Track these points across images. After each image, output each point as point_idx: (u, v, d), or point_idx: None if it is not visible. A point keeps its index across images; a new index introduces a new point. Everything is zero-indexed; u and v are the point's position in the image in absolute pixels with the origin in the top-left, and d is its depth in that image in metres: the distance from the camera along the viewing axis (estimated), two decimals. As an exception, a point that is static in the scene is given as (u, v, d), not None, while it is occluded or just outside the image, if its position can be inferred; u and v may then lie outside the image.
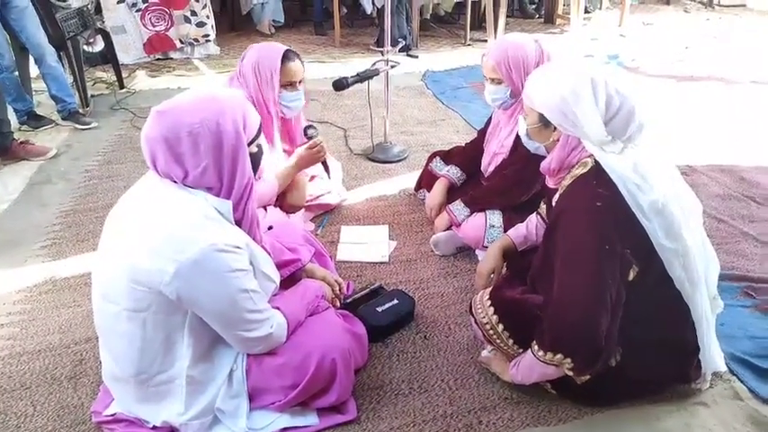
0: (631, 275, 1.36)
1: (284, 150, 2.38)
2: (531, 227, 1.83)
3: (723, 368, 1.62)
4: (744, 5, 7.71)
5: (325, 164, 2.36)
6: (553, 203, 1.56)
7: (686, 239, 1.38)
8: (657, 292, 1.42)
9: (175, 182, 1.27)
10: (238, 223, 1.35)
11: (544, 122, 1.46)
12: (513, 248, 1.83)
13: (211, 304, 1.25)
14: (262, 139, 1.41)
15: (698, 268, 1.42)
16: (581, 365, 1.36)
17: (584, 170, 1.40)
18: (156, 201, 1.28)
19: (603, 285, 1.31)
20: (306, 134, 2.29)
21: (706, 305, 1.47)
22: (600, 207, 1.33)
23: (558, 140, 1.45)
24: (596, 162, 1.37)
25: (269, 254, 1.47)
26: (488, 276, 1.79)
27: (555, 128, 1.44)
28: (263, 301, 1.38)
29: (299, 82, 2.21)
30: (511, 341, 1.54)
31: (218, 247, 1.21)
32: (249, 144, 1.33)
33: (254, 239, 1.39)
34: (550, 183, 1.56)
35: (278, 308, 1.44)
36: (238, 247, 1.26)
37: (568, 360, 1.34)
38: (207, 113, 1.23)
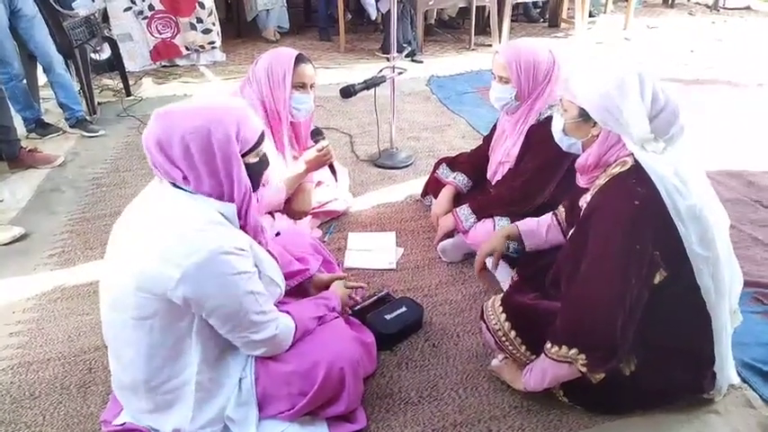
0: (657, 279, 1.35)
1: (293, 156, 2.39)
2: (542, 224, 1.82)
3: (737, 380, 1.61)
4: (748, 8, 7.70)
5: (332, 167, 2.37)
6: (581, 204, 1.53)
7: (718, 248, 1.36)
8: (683, 299, 1.40)
9: (178, 187, 1.28)
10: (243, 230, 1.36)
11: (584, 117, 1.43)
12: (517, 237, 1.85)
13: (218, 307, 1.26)
14: (267, 147, 1.41)
15: (725, 279, 1.40)
16: (595, 362, 1.34)
17: (624, 169, 1.38)
18: (160, 207, 1.29)
19: (627, 284, 1.30)
20: (313, 137, 2.31)
21: (726, 317, 1.46)
22: (637, 206, 1.31)
23: (596, 136, 1.43)
24: (636, 162, 1.35)
25: (275, 259, 1.48)
26: (486, 255, 1.81)
27: (594, 123, 1.42)
28: (269, 303, 1.38)
29: (311, 86, 2.24)
30: (523, 347, 1.53)
31: (224, 250, 1.22)
32: (246, 154, 1.33)
33: (259, 245, 1.40)
34: (582, 182, 1.53)
35: (288, 312, 1.44)
36: (243, 249, 1.27)
37: (583, 356, 1.33)
38: (200, 121, 1.25)
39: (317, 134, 2.32)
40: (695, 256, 1.34)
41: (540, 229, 1.82)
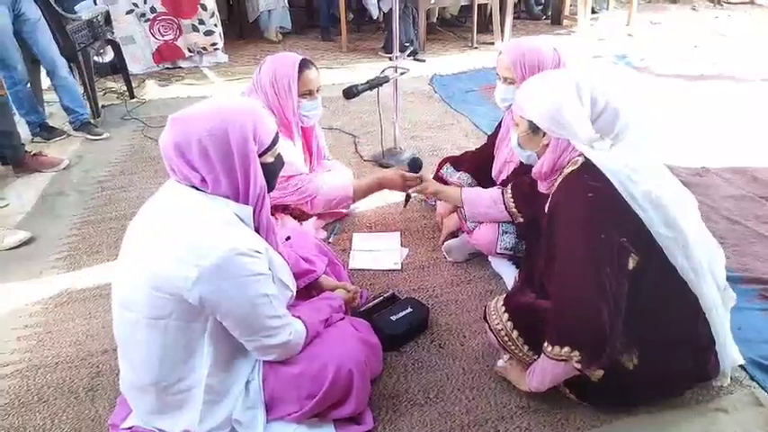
0: (631, 264, 1.37)
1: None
2: (484, 196, 2.01)
3: (741, 361, 1.61)
4: (752, 2, 7.67)
5: (407, 197, 2.33)
6: (546, 209, 1.57)
7: (684, 229, 1.39)
8: (664, 283, 1.42)
9: (196, 188, 1.29)
10: (255, 231, 1.36)
11: (534, 129, 1.51)
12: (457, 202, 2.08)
13: (233, 309, 1.26)
14: (286, 144, 1.42)
15: (700, 258, 1.43)
16: (587, 357, 1.36)
17: (575, 167, 1.44)
18: (176, 208, 1.30)
19: (601, 274, 1.32)
20: (409, 165, 2.32)
21: (715, 296, 1.47)
22: (592, 198, 1.37)
23: (547, 145, 1.51)
24: (586, 158, 1.41)
25: (287, 262, 1.48)
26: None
27: (544, 133, 1.50)
28: (283, 306, 1.39)
29: (317, 90, 2.23)
30: (526, 347, 1.53)
31: (240, 251, 1.23)
32: (263, 154, 1.34)
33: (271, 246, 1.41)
34: (543, 188, 1.59)
35: (299, 317, 1.45)
36: (258, 252, 1.28)
37: (576, 353, 1.34)
38: (216, 123, 1.26)
39: (415, 160, 2.34)
40: (661, 237, 1.37)
41: (482, 200, 1.99)
